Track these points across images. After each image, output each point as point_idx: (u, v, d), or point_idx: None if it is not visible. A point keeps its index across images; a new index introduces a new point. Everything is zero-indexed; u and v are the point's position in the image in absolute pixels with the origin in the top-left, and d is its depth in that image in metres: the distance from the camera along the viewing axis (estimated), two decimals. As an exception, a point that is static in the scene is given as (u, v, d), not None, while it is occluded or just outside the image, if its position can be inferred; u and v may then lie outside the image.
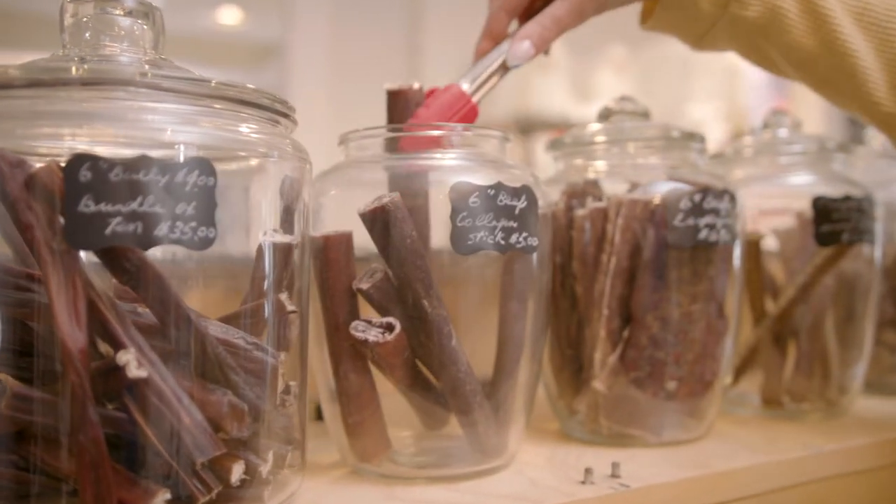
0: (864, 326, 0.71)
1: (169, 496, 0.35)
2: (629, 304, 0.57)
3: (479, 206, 0.46)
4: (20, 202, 0.33)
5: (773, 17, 0.57)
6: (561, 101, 2.72)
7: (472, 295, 0.51)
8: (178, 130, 0.38)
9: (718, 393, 0.61)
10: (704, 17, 0.59)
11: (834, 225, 0.66)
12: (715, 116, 2.80)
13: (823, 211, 0.66)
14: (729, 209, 0.58)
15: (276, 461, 0.41)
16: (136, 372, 0.34)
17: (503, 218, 0.47)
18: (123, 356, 0.34)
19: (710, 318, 0.58)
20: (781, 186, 0.73)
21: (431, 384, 0.50)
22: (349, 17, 2.73)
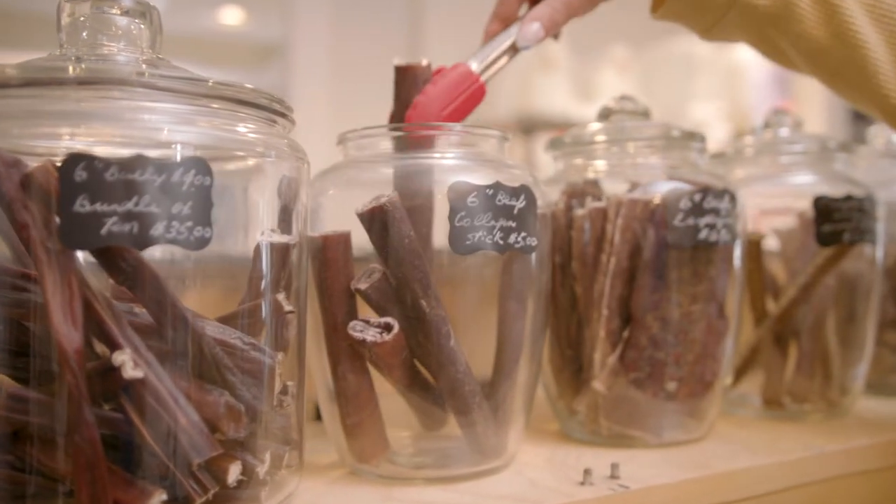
0: (865, 327, 0.71)
1: (165, 497, 0.35)
2: (629, 304, 0.57)
3: (477, 205, 0.46)
4: (16, 202, 0.33)
5: (784, 6, 0.57)
6: (563, 100, 2.71)
7: (470, 295, 0.51)
8: (175, 130, 0.38)
9: (719, 393, 0.61)
10: (715, 6, 0.59)
11: (835, 225, 0.65)
12: (717, 116, 2.79)
13: (825, 211, 0.66)
14: (729, 209, 0.58)
15: (273, 462, 0.41)
16: (132, 372, 0.34)
17: (502, 218, 0.47)
18: (119, 356, 0.34)
19: (710, 318, 0.58)
20: (783, 186, 0.73)
21: (430, 384, 0.50)
22: (351, 17, 2.74)
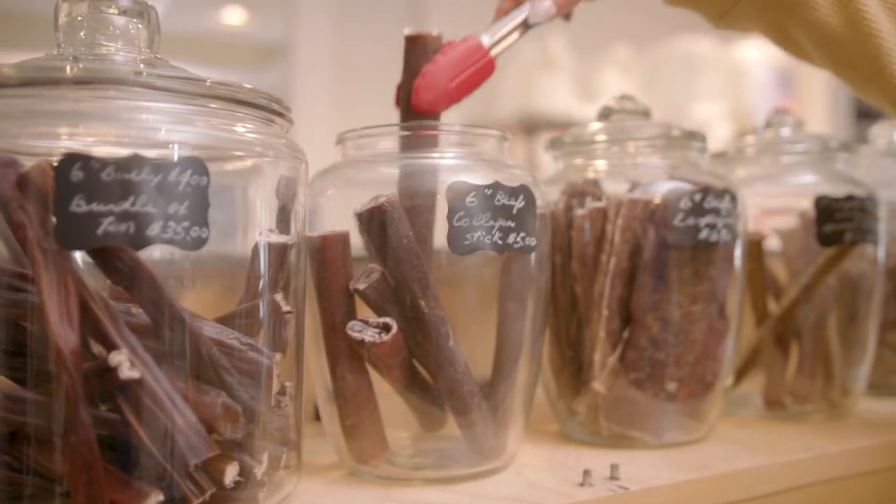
0: (867, 327, 0.71)
1: (162, 498, 0.35)
2: (629, 304, 0.57)
3: (476, 205, 0.46)
4: (12, 202, 0.33)
5: None
6: (565, 100, 2.71)
7: (469, 295, 0.51)
8: (172, 130, 0.37)
9: (720, 394, 0.61)
10: None
11: (837, 225, 0.65)
12: (720, 116, 2.79)
13: (826, 211, 0.65)
14: (730, 209, 0.57)
15: (271, 462, 0.41)
16: (128, 373, 0.34)
17: (501, 218, 0.46)
18: (116, 357, 0.34)
19: (711, 318, 0.58)
20: (784, 186, 0.73)
21: (429, 385, 0.49)
22: (353, 17, 2.74)
